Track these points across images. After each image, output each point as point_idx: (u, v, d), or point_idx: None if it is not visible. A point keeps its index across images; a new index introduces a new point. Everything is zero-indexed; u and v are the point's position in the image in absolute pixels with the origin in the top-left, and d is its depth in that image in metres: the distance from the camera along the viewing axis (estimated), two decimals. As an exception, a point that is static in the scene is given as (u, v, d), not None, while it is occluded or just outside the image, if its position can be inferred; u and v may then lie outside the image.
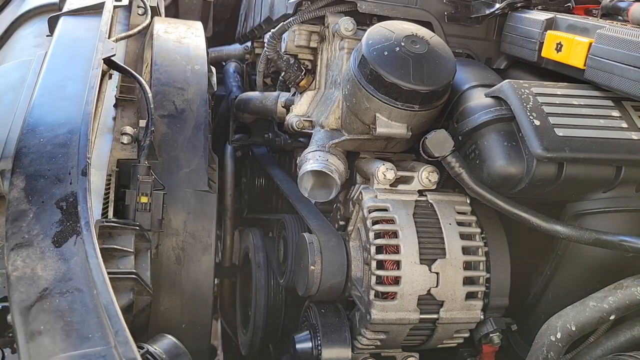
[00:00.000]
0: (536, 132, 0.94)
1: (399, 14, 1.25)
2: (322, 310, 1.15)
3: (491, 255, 1.09)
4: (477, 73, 1.17)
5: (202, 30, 1.39)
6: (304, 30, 1.32)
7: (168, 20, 1.47)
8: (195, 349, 1.05)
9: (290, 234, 1.34)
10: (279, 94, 1.49)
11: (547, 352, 0.95)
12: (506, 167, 0.98)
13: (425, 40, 1.05)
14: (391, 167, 1.08)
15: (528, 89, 1.01)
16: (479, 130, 1.02)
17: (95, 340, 0.67)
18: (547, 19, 1.14)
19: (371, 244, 1.02)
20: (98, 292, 0.73)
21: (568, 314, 0.93)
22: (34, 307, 0.70)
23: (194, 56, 1.26)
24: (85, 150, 0.94)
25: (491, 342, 1.10)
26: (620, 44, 0.95)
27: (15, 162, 0.89)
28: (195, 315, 1.09)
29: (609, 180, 1.00)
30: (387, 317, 1.01)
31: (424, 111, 1.05)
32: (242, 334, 1.66)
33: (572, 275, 1.09)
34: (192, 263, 1.10)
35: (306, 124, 1.28)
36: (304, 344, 1.14)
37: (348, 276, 1.12)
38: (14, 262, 0.75)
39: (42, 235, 0.79)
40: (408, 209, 1.06)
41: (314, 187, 1.14)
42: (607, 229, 0.98)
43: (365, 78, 1.04)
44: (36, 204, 0.84)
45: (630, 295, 0.88)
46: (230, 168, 1.82)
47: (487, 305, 1.08)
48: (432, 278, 1.01)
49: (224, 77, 2.06)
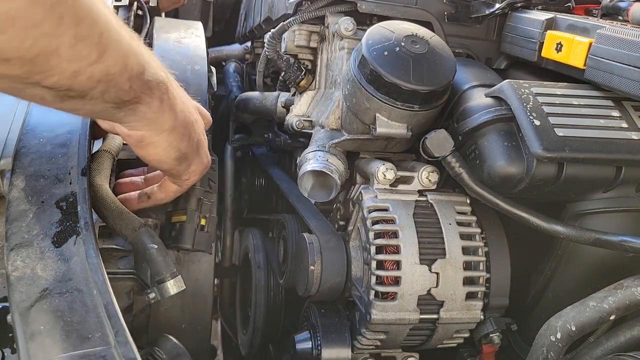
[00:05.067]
0: (536, 132, 0.94)
1: (399, 14, 1.25)
2: (322, 311, 1.15)
3: (491, 255, 1.09)
4: (477, 73, 1.17)
5: (202, 30, 1.39)
6: (304, 30, 1.32)
7: (168, 20, 1.47)
8: (195, 349, 1.05)
9: (290, 234, 1.34)
10: (279, 94, 1.49)
11: (547, 352, 0.95)
12: (506, 167, 0.98)
13: (425, 40, 1.05)
14: (391, 167, 1.08)
15: (528, 89, 1.01)
16: (479, 130, 1.03)
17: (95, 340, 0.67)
18: (547, 19, 1.14)
19: (371, 244, 1.02)
20: (98, 292, 0.73)
21: (568, 314, 0.93)
22: (34, 307, 0.70)
23: (194, 56, 1.26)
24: (85, 150, 0.94)
25: (491, 342, 1.10)
26: (620, 44, 0.95)
27: (15, 162, 0.89)
28: (195, 315, 1.08)
29: (609, 180, 1.00)
30: (387, 317, 1.01)
31: (424, 111, 1.05)
32: (242, 334, 1.66)
33: (572, 275, 1.09)
34: (192, 263, 1.10)
35: (306, 124, 1.28)
36: (304, 344, 1.14)
37: (348, 276, 1.12)
38: (14, 262, 0.75)
39: (42, 236, 0.79)
40: (408, 209, 1.06)
41: (314, 187, 1.14)
42: (607, 229, 0.98)
43: (365, 78, 1.04)
44: (36, 204, 0.84)
45: (630, 295, 0.88)
46: (230, 168, 1.82)
47: (487, 306, 1.08)
48: (432, 278, 1.01)
49: (224, 77, 2.06)
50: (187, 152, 0.90)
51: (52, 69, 0.60)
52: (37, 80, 0.61)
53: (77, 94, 0.66)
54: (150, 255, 0.89)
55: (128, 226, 0.90)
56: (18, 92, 0.64)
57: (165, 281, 0.89)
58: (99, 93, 0.68)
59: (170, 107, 0.82)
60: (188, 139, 0.89)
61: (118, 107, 0.73)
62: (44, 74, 0.60)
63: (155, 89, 0.77)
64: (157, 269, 0.89)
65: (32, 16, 0.55)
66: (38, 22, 0.56)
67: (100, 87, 0.67)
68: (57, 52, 0.59)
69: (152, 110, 0.79)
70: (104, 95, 0.69)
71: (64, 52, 0.60)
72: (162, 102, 0.79)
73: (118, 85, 0.69)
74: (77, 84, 0.64)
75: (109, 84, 0.68)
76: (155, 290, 0.90)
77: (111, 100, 0.71)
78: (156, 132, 0.83)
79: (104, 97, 0.69)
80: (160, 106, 0.80)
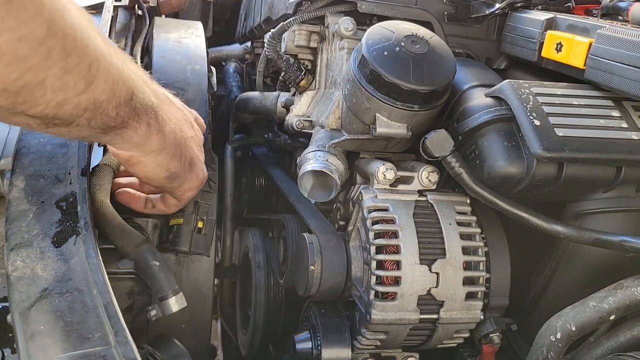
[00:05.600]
0: (536, 132, 0.94)
1: (399, 14, 1.25)
2: (322, 311, 1.15)
3: (491, 255, 1.09)
4: (477, 73, 1.17)
5: (202, 30, 1.39)
6: (304, 30, 1.32)
7: (168, 20, 1.46)
8: (195, 349, 1.05)
9: (290, 234, 1.34)
10: (279, 94, 1.49)
11: (547, 352, 0.95)
12: (506, 167, 0.98)
13: (425, 40, 1.05)
14: (391, 167, 1.08)
15: (528, 89, 1.01)
16: (479, 130, 1.02)
17: (95, 340, 0.67)
18: (547, 19, 1.14)
19: (371, 244, 1.02)
20: (98, 292, 0.73)
21: (568, 314, 0.93)
22: (34, 307, 0.70)
23: (194, 56, 1.26)
24: (85, 150, 0.94)
25: (491, 342, 1.10)
26: (620, 44, 0.95)
27: (15, 162, 0.89)
28: (195, 315, 1.09)
29: (609, 180, 1.00)
30: (387, 317, 1.01)
31: (424, 111, 1.05)
32: (242, 334, 1.66)
33: (572, 275, 1.09)
34: (192, 263, 1.10)
35: (306, 124, 1.28)
36: (304, 344, 1.14)
37: (348, 276, 1.12)
38: (14, 262, 0.75)
39: (42, 236, 0.79)
40: (408, 209, 1.06)
41: (314, 187, 1.14)
42: (607, 229, 0.98)
43: (365, 78, 1.04)
44: (36, 204, 0.84)
45: (630, 295, 0.88)
46: (230, 168, 1.82)
47: (487, 306, 1.08)
48: (432, 278, 1.01)
49: (224, 77, 2.06)
50: (178, 171, 0.90)
51: (36, 99, 0.60)
52: (21, 110, 0.60)
53: (62, 122, 0.65)
54: (152, 272, 0.90)
55: (130, 243, 0.91)
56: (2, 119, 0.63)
57: (167, 298, 0.89)
58: (86, 120, 0.67)
59: (159, 130, 0.82)
60: (179, 158, 0.89)
61: (104, 132, 0.73)
62: (28, 104, 0.60)
63: (143, 115, 0.77)
64: (160, 285, 0.90)
65: (19, 52, 0.54)
66: (25, 57, 0.55)
67: (86, 115, 0.66)
68: (43, 83, 0.58)
69: (139, 134, 0.79)
70: (90, 122, 0.68)
71: (51, 84, 0.59)
72: (149, 126, 0.79)
73: (105, 113, 0.69)
74: (62, 112, 0.63)
75: (95, 112, 0.67)
76: (156, 307, 0.90)
77: (97, 127, 0.71)
78: (143, 153, 0.83)
79: (91, 124, 0.69)
80: (147, 130, 0.79)
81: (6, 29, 0.52)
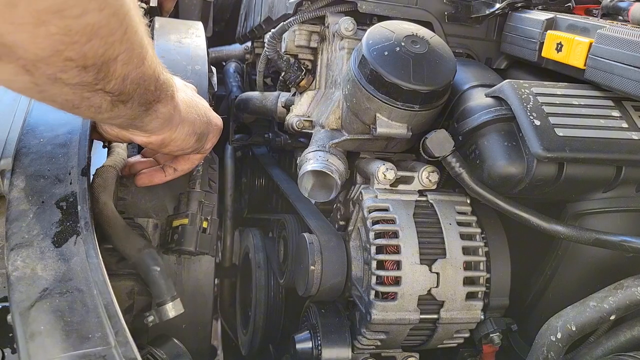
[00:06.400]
0: (536, 132, 0.94)
1: (399, 14, 1.25)
2: (322, 310, 1.15)
3: (491, 255, 1.09)
4: (477, 73, 1.17)
5: (203, 30, 1.39)
6: (304, 30, 1.32)
7: (168, 20, 1.46)
8: (195, 349, 1.05)
9: (290, 234, 1.34)
10: (279, 94, 1.49)
11: (547, 352, 0.95)
12: (506, 167, 0.98)
13: (425, 40, 1.05)
14: (391, 167, 1.08)
15: (528, 89, 1.01)
16: (479, 130, 1.02)
17: (95, 340, 0.67)
18: (547, 19, 1.14)
19: (371, 244, 1.02)
20: (98, 292, 0.73)
21: (568, 314, 0.93)
22: (34, 307, 0.70)
23: (195, 56, 1.26)
24: (85, 150, 0.94)
25: (491, 342, 1.10)
26: (620, 44, 0.95)
27: (15, 162, 0.89)
28: (195, 315, 1.09)
29: (609, 180, 1.00)
30: (387, 317, 1.01)
31: (424, 111, 1.05)
32: (242, 334, 1.66)
33: (572, 275, 1.09)
34: (192, 263, 1.10)
35: (306, 124, 1.28)
36: (304, 344, 1.14)
37: (348, 276, 1.12)
38: (14, 262, 0.75)
39: (42, 236, 0.79)
40: (408, 209, 1.06)
41: (314, 187, 1.14)
42: (607, 229, 0.98)
43: (365, 78, 1.04)
44: (36, 204, 0.84)
45: (631, 295, 0.88)
46: (230, 168, 1.82)
47: (488, 306, 1.08)
48: (432, 278, 1.01)
49: (224, 77, 2.06)
50: (202, 129, 0.96)
51: (110, 74, 0.64)
52: (101, 86, 0.64)
53: (126, 98, 0.70)
54: (152, 277, 0.91)
55: (133, 246, 0.92)
56: (78, 102, 0.66)
57: (165, 304, 0.90)
58: (138, 96, 0.72)
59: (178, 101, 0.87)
60: (197, 115, 0.94)
61: (146, 109, 0.78)
62: (106, 79, 0.64)
63: (168, 87, 0.82)
64: (159, 291, 0.91)
65: (112, 26, 0.59)
66: (113, 31, 0.59)
67: (139, 90, 0.71)
68: (117, 58, 0.63)
69: (168, 108, 0.84)
70: (140, 98, 0.73)
71: (122, 58, 0.64)
72: (173, 98, 0.84)
73: (148, 87, 0.74)
74: (125, 87, 0.68)
75: (142, 87, 0.72)
76: (154, 313, 0.91)
77: (143, 103, 0.76)
78: (173, 129, 0.89)
79: (139, 100, 0.74)
80: (172, 102, 0.85)
81: (106, 5, 0.56)
